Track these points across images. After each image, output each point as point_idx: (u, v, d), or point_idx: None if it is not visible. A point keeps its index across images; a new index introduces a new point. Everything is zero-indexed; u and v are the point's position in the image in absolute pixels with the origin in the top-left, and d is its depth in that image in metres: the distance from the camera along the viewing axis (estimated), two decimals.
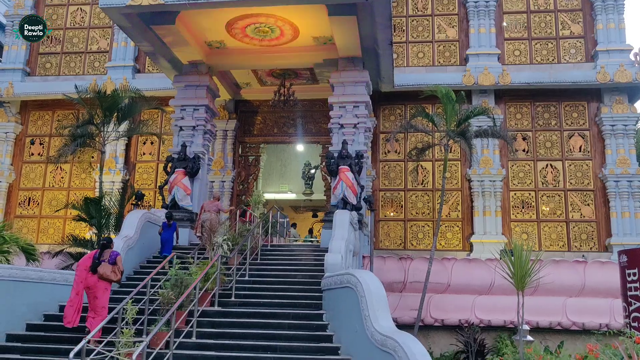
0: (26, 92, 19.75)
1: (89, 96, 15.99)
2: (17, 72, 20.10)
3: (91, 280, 9.64)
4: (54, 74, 20.43)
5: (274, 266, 12.96)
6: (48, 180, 19.91)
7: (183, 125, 16.54)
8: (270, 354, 8.86)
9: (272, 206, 16.42)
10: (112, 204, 15.43)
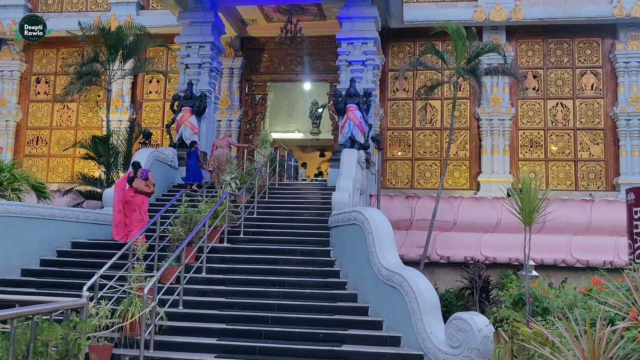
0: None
1: (93, 33, 15.77)
2: (19, 9, 19.74)
3: (129, 196, 10.97)
4: (57, 11, 20.08)
5: (281, 204, 13.07)
6: (55, 119, 19.89)
7: (189, 62, 16.34)
8: (279, 289, 9.04)
9: (279, 145, 16.40)
10: (120, 142, 15.46)
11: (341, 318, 8.20)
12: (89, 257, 10.41)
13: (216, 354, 7.34)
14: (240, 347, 7.48)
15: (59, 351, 3.31)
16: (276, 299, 8.74)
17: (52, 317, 3.26)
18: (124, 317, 7.32)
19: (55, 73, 20.00)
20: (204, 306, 8.62)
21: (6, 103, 19.62)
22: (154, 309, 7.48)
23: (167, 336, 7.70)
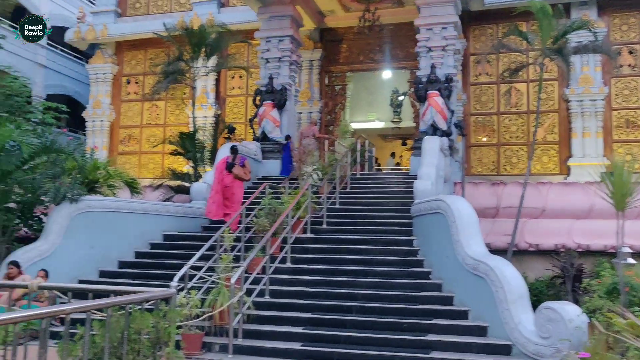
0: (119, 33, 20.45)
1: (177, 33, 16.33)
2: (110, 14, 20.80)
3: (227, 180, 11.59)
4: (143, 14, 20.97)
5: (363, 194, 13.07)
6: (145, 117, 20.82)
7: (269, 57, 16.61)
8: (362, 278, 9.06)
9: (359, 135, 16.37)
10: (206, 137, 15.96)
11: (425, 307, 8.11)
12: (179, 249, 10.85)
13: (302, 343, 7.47)
14: (325, 336, 7.57)
15: (150, 339, 3.48)
16: (360, 288, 8.77)
17: (143, 306, 3.42)
18: (213, 307, 7.59)
19: (144, 73, 20.91)
20: (290, 295, 8.78)
21: (100, 104, 20.74)
22: (242, 298, 7.70)
23: (254, 325, 7.91)
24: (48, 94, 23.70)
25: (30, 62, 23.33)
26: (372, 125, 23.32)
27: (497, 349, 6.99)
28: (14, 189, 11.11)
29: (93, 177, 12.49)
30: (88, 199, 10.61)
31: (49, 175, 10.66)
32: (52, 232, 9.89)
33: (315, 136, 15.57)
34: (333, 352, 7.16)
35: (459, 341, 7.19)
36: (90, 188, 12.20)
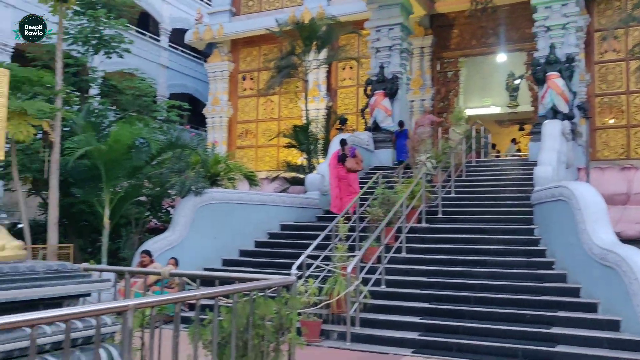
0: (235, 31, 21.24)
1: (289, 28, 16.69)
2: (225, 14, 21.66)
3: (342, 173, 11.90)
4: (256, 11, 21.63)
5: (479, 182, 12.70)
6: (260, 112, 21.52)
7: (379, 46, 16.53)
8: (480, 268, 8.82)
9: (474, 121, 15.89)
10: (319, 129, 16.23)
11: (549, 299, 7.75)
12: (296, 239, 11.14)
13: (420, 332, 7.42)
14: (443, 326, 7.47)
15: (273, 325, 3.61)
16: (478, 278, 8.55)
17: (266, 293, 3.56)
18: (330, 295, 7.73)
19: (258, 69, 21.59)
20: (405, 285, 8.74)
21: (219, 101, 21.70)
22: (358, 287, 7.78)
23: (371, 314, 7.96)
24: (171, 93, 25.19)
25: (154, 64, 24.88)
26: (487, 111, 22.53)
27: (632, 345, 6.53)
28: (144, 183, 11.94)
29: (214, 170, 13.11)
30: (211, 192, 11.17)
31: (175, 170, 11.34)
32: (179, 223, 10.52)
33: (433, 122, 15.30)
34: (451, 342, 7.04)
35: (588, 335, 6.80)
36: (212, 181, 12.83)
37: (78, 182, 11.73)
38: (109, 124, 12.82)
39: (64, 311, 2.35)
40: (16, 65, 11.70)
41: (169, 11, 26.52)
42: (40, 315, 2.16)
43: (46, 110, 9.73)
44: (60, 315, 2.25)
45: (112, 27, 14.48)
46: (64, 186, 11.67)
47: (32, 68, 11.24)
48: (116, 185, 11.14)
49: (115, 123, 12.71)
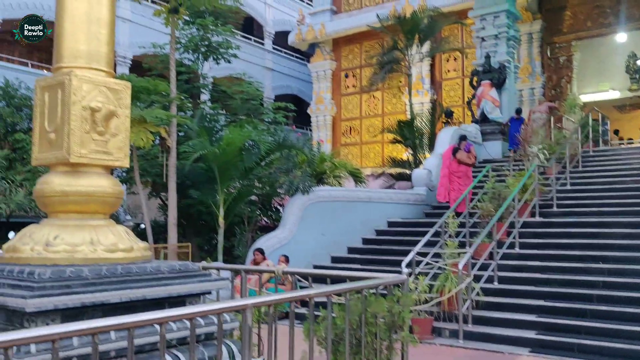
0: (336, 30, 21.42)
1: (390, 23, 16.58)
2: (326, 13, 21.91)
3: (453, 165, 11.80)
4: (357, 8, 21.67)
5: (597, 173, 11.96)
6: (364, 108, 21.56)
7: (484, 35, 16.01)
8: (602, 265, 8.30)
9: (590, 109, 14.98)
10: (423, 124, 16.00)
11: None
12: (403, 235, 11.06)
13: (536, 331, 7.12)
14: (562, 326, 7.11)
15: (386, 322, 3.61)
16: (599, 275, 8.05)
17: (378, 291, 3.57)
18: (440, 292, 7.60)
19: (360, 66, 21.64)
20: (519, 282, 8.41)
21: (323, 100, 21.99)
22: (470, 284, 7.59)
23: (483, 311, 7.74)
24: (276, 94, 25.86)
25: (259, 67, 25.65)
26: (606, 96, 21.14)
27: None
28: (255, 183, 12.37)
29: (320, 169, 13.32)
30: (318, 190, 11.35)
31: (283, 170, 11.66)
32: (289, 221, 10.79)
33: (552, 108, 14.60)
34: (573, 342, 6.68)
35: None
36: (318, 179, 13.05)
37: (195, 184, 12.37)
38: (220, 128, 13.39)
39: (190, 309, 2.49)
40: (134, 76, 12.53)
41: (272, 14, 27.22)
42: (170, 314, 2.31)
43: (163, 117, 10.33)
44: (187, 314, 2.40)
45: (220, 33, 15.10)
46: (181, 188, 12.35)
47: (148, 78, 11.98)
48: (229, 186, 11.63)
49: (227, 127, 13.25)
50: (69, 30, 3.84)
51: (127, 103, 3.93)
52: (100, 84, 3.78)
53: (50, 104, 3.69)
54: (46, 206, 3.74)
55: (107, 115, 3.74)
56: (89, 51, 3.85)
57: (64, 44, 3.83)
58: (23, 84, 15.12)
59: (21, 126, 13.96)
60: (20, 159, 13.12)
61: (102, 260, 3.45)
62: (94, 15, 3.88)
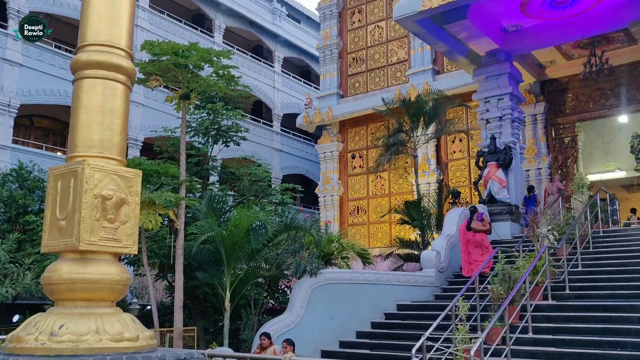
0: (342, 113, 21.92)
1: (395, 106, 16.97)
2: (333, 97, 22.49)
3: (470, 236, 12.08)
4: (363, 92, 22.26)
5: (609, 254, 11.80)
6: (371, 189, 21.69)
7: (489, 117, 16.30)
8: (620, 351, 8.03)
9: (598, 188, 15.00)
10: (431, 204, 16.01)
11: None
12: (413, 319, 10.81)
13: None
14: None
15: None
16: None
17: None
18: None
19: (367, 147, 21.96)
20: None
21: (330, 180, 22.18)
22: None
23: None
24: (284, 174, 26.16)
25: (267, 148, 26.11)
26: (612, 176, 21.22)
27: None
28: (261, 265, 12.27)
29: (328, 250, 13.24)
30: (325, 272, 11.22)
31: (290, 251, 11.59)
32: (296, 304, 10.60)
33: (560, 189, 14.80)
34: None
35: None
36: (325, 260, 12.94)
37: (201, 266, 12.29)
38: (228, 209, 13.45)
39: None
40: (145, 159, 12.76)
41: (280, 98, 27.98)
42: None
43: (172, 199, 10.43)
44: None
45: (230, 117, 15.47)
46: (188, 270, 12.27)
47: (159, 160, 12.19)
48: (236, 267, 11.54)
49: (234, 208, 13.32)
50: (84, 121, 3.95)
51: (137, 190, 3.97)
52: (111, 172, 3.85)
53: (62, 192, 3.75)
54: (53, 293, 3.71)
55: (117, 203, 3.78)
56: (102, 140, 3.94)
57: (78, 134, 3.93)
58: (37, 167, 15.40)
59: (32, 208, 14.10)
60: (30, 240, 13.16)
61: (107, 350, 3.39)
62: (108, 106, 4.00)
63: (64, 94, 19.22)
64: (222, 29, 26.13)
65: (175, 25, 23.86)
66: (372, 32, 22.56)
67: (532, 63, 17.63)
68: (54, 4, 20.08)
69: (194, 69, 11.89)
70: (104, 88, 3.86)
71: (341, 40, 22.97)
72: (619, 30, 15.31)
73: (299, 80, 30.34)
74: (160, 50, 11.01)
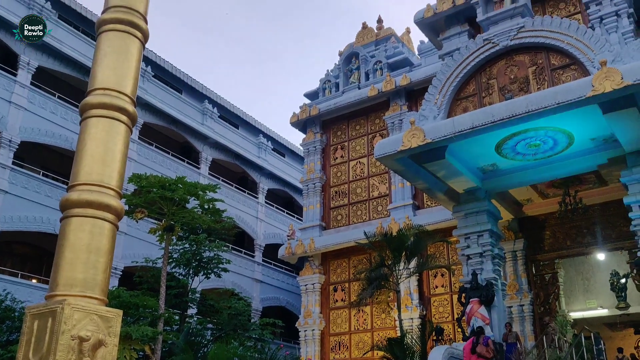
0: (325, 245, 21.99)
1: (377, 239, 17.12)
2: (315, 229, 22.68)
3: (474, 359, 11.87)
4: (345, 224, 22.51)
5: None
6: (353, 323, 21.23)
7: (470, 253, 16.44)
8: None
9: (582, 327, 14.86)
10: (414, 342, 15.64)
11: None
12: None
13: None
14: None
15: None
16: None
17: None
18: None
19: (349, 280, 21.80)
20: None
21: (311, 314, 21.73)
22: None
23: None
24: (264, 306, 25.64)
25: (248, 279, 25.81)
26: (594, 313, 21.06)
27: None
28: None
29: None
30: None
31: None
32: None
33: None
34: None
35: None
36: None
37: None
38: (206, 343, 13.02)
39: None
40: (124, 289, 12.51)
41: (263, 228, 28.17)
42: None
43: (149, 333, 10.11)
44: None
45: (212, 249, 15.45)
46: None
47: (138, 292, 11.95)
48: None
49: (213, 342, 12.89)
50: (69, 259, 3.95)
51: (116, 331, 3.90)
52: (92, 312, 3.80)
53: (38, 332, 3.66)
54: None
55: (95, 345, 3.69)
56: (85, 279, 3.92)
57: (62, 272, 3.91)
58: (10, 295, 14.97)
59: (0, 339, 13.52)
60: None
61: None
62: (95, 245, 4.03)
63: (46, 222, 19.18)
64: (208, 161, 26.84)
65: (162, 156, 24.48)
66: (354, 168, 23.29)
67: (510, 201, 18.15)
68: (46, 135, 20.64)
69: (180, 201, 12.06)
70: (92, 227, 3.91)
71: (324, 174, 23.62)
72: (590, 172, 15.99)
73: (282, 211, 30.74)
74: (147, 184, 11.22)
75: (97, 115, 4.28)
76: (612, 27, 15.67)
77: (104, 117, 4.33)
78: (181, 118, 25.68)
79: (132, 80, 4.50)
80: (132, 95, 4.51)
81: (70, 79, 22.77)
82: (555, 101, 12.53)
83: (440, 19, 18.78)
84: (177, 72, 27.16)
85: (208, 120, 27.18)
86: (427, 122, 14.87)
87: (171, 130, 26.03)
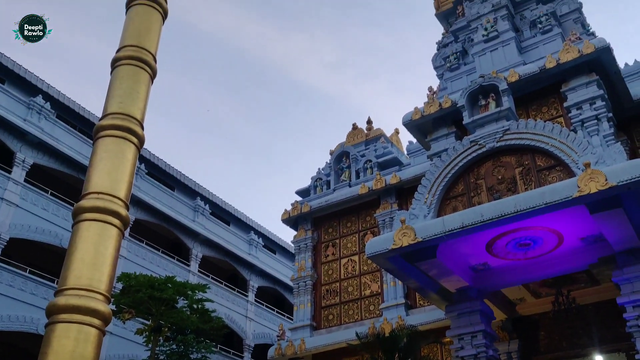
0: (315, 346, 21.38)
1: (369, 340, 16.71)
2: (306, 329, 22.14)
3: None
4: (336, 324, 22.02)
5: None
6: None
7: (464, 355, 16.02)
8: None
9: None
10: None
11: None
12: None
13: None
14: None
15: None
16: None
17: None
18: None
19: None
20: None
21: None
22: None
23: None
24: None
25: None
26: None
27: None
28: None
29: None
30: None
31: None
32: None
33: None
34: None
35: None
36: None
37: None
38: None
39: None
40: None
41: (252, 327, 27.49)
42: None
43: None
44: None
45: (199, 350, 15.00)
46: None
47: None
48: None
49: None
50: None
51: None
52: None
53: None
54: None
55: None
56: None
57: None
58: None
59: None
60: None
61: None
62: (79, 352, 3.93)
63: (29, 321, 18.67)
64: (198, 258, 26.61)
65: (152, 253, 24.28)
66: (345, 265, 23.11)
67: (503, 300, 17.93)
68: (35, 231, 20.54)
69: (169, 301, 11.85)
70: (78, 333, 3.82)
71: (315, 272, 23.39)
72: (582, 271, 15.96)
73: (272, 310, 30.12)
74: (136, 283, 11.07)
75: (90, 219, 4.30)
76: (593, 130, 16.21)
77: (96, 221, 4.34)
78: (173, 215, 25.73)
79: (126, 184, 4.57)
80: (126, 199, 4.56)
81: (64, 175, 22.99)
82: (543, 201, 12.73)
83: (428, 121, 19.38)
84: (170, 170, 27.53)
85: (199, 217, 27.24)
86: (417, 221, 14.99)
87: (162, 227, 25.99)
